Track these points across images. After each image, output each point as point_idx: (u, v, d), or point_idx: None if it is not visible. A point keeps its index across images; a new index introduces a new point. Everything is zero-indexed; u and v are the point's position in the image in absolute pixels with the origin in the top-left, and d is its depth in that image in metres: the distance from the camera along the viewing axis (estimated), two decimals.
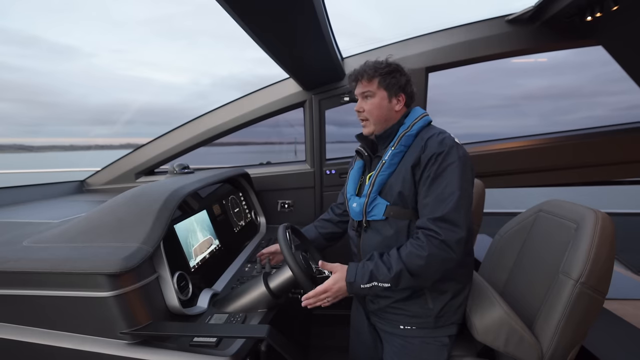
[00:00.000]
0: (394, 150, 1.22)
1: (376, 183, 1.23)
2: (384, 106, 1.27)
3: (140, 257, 1.04)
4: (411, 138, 1.22)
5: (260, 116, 2.47)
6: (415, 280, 1.11)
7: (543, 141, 2.50)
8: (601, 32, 2.11)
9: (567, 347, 1.16)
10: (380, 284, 1.11)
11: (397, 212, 1.20)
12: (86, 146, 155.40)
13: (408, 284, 1.12)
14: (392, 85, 1.26)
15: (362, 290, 1.14)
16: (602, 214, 1.19)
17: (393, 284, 1.11)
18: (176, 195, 1.32)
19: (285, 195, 2.55)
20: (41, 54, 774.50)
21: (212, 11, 23.51)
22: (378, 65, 1.26)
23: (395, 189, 1.19)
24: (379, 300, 1.30)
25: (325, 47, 1.61)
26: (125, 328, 0.99)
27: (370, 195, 1.23)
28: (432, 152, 1.14)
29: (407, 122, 1.26)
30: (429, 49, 2.30)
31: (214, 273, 1.54)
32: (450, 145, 1.14)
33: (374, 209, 1.23)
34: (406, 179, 1.17)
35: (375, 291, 1.14)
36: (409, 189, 1.18)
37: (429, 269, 1.10)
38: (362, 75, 1.27)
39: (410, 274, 1.09)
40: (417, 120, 1.25)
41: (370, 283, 1.12)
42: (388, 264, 1.12)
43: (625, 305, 2.07)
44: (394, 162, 1.22)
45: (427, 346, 1.25)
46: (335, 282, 1.17)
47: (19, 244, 1.18)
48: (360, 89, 1.30)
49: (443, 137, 1.17)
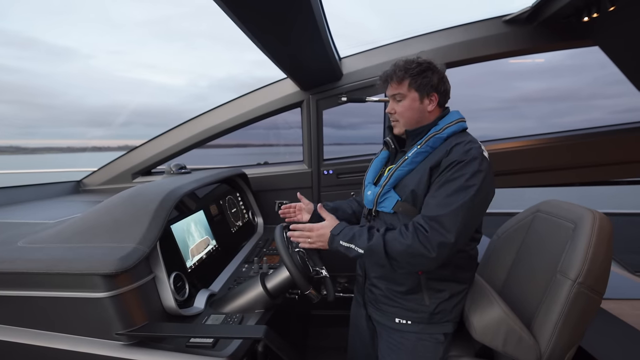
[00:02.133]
0: (419, 149, 1.20)
1: (393, 176, 1.23)
2: (416, 108, 1.24)
3: (137, 257, 1.03)
4: (440, 141, 1.20)
5: (258, 116, 2.46)
6: (388, 261, 1.13)
7: (540, 141, 2.50)
8: (598, 33, 2.12)
9: (565, 347, 1.16)
10: (356, 247, 1.16)
11: (406, 209, 1.20)
12: (83, 148, 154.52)
13: (380, 261, 1.14)
14: (424, 85, 1.22)
15: (340, 246, 1.19)
16: (599, 214, 1.19)
17: (366, 253, 1.14)
18: (173, 196, 1.32)
19: (283, 196, 2.54)
20: (39, 55, 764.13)
21: (210, 12, 23.26)
22: (408, 66, 1.22)
23: (409, 186, 1.19)
24: (376, 290, 1.33)
25: (323, 47, 1.60)
26: (121, 329, 0.98)
27: (385, 186, 1.24)
28: (454, 159, 1.12)
29: (440, 123, 1.23)
30: (427, 49, 2.30)
31: (211, 273, 1.53)
32: (474, 156, 1.12)
33: (385, 201, 1.24)
34: (422, 179, 1.17)
35: (350, 253, 1.18)
36: (422, 189, 1.17)
37: (404, 257, 1.11)
38: (392, 77, 1.24)
39: (385, 252, 1.11)
40: (451, 124, 1.22)
41: (348, 244, 1.17)
42: (370, 235, 1.15)
43: (622, 305, 2.08)
44: (415, 161, 1.21)
45: (422, 342, 1.26)
46: (322, 227, 1.24)
47: (14, 244, 1.17)
48: (390, 91, 1.27)
49: (471, 147, 1.14)
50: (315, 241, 1.24)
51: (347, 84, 2.33)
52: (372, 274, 1.34)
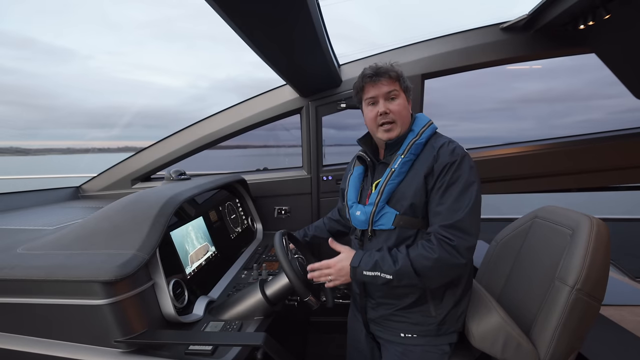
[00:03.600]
0: (404, 158, 1.19)
1: (385, 192, 1.19)
2: (407, 108, 1.25)
3: (136, 264, 1.03)
4: (420, 146, 1.20)
5: (257, 122, 2.47)
6: (419, 279, 1.09)
7: (538, 147, 2.51)
8: (594, 40, 2.14)
9: (564, 354, 1.16)
10: (383, 274, 1.10)
11: (407, 222, 1.18)
12: (83, 149, 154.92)
13: (411, 281, 1.10)
14: (408, 88, 1.25)
15: (364, 277, 1.13)
16: (597, 220, 1.20)
17: (395, 278, 1.09)
18: (172, 202, 1.32)
19: (282, 202, 2.54)
20: (38, 56, 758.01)
21: (210, 14, 23.49)
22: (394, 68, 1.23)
23: (406, 199, 1.17)
24: (380, 309, 1.29)
25: (322, 54, 1.62)
26: (120, 336, 0.98)
27: (379, 204, 1.20)
28: (446, 162, 1.13)
29: (415, 129, 1.23)
30: (425, 56, 2.32)
31: (210, 280, 1.53)
32: (462, 155, 1.15)
33: (382, 218, 1.20)
34: (418, 188, 1.16)
35: (377, 281, 1.12)
36: (420, 198, 1.16)
37: (435, 272, 1.09)
38: (388, 73, 1.21)
39: (415, 272, 1.08)
40: (425, 128, 1.22)
41: (373, 272, 1.12)
42: (394, 258, 1.11)
43: (621, 312, 2.07)
44: (403, 171, 1.19)
45: (427, 354, 1.24)
46: (340, 260, 1.18)
47: (14, 250, 1.17)
48: (384, 89, 1.21)
49: (454, 146, 1.17)
50: (336, 277, 1.19)
51: (347, 91, 2.35)
52: (377, 293, 1.28)
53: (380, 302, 1.28)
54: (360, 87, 1.26)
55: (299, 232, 1.69)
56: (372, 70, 1.22)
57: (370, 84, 1.22)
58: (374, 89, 1.22)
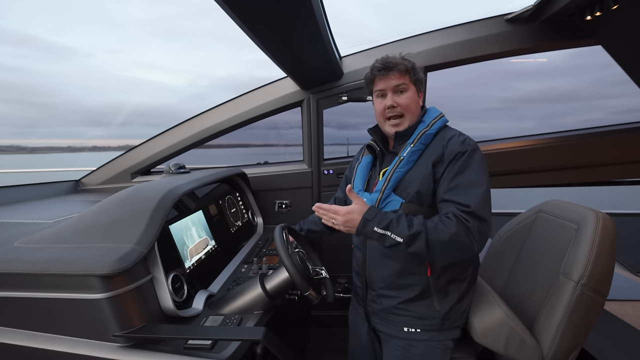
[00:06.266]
0: (414, 147, 1.19)
1: (392, 179, 1.20)
2: (417, 101, 1.24)
3: (134, 258, 1.02)
4: (430, 137, 1.20)
5: (257, 115, 2.44)
6: (428, 252, 1.05)
7: (541, 141, 2.49)
8: (601, 32, 2.11)
9: (568, 349, 1.15)
10: (393, 235, 1.07)
11: (413, 210, 1.16)
12: (83, 147, 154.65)
13: (420, 250, 1.06)
14: (419, 80, 1.24)
15: (373, 233, 1.09)
16: (603, 215, 1.18)
17: (406, 242, 1.06)
18: (171, 195, 1.30)
19: (283, 195, 2.53)
20: (39, 54, 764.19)
21: (211, 12, 23.16)
22: (405, 60, 1.22)
23: (413, 186, 1.17)
24: (383, 301, 1.28)
25: (324, 46, 1.59)
26: (118, 330, 0.97)
27: (385, 191, 1.20)
28: (456, 151, 1.13)
29: (426, 120, 1.24)
30: (428, 48, 2.28)
31: (210, 274, 1.52)
32: (473, 145, 1.15)
33: (387, 206, 1.20)
34: (425, 176, 1.15)
35: (384, 242, 1.09)
36: (427, 186, 1.15)
37: (447, 247, 1.05)
38: (397, 66, 1.20)
39: (427, 242, 1.04)
40: (436, 119, 1.23)
41: (384, 230, 1.08)
42: (409, 222, 1.08)
43: (624, 307, 2.06)
44: (411, 160, 1.19)
45: (430, 350, 1.22)
46: (351, 210, 1.13)
47: (11, 244, 1.16)
48: (393, 82, 1.21)
49: (464, 138, 1.17)
50: (339, 224, 1.15)
51: (348, 83, 2.32)
52: (379, 284, 1.27)
53: (381, 293, 1.27)
54: (370, 79, 1.27)
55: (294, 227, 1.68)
56: (382, 62, 1.22)
57: (380, 76, 1.23)
58: (382, 81, 1.23)
